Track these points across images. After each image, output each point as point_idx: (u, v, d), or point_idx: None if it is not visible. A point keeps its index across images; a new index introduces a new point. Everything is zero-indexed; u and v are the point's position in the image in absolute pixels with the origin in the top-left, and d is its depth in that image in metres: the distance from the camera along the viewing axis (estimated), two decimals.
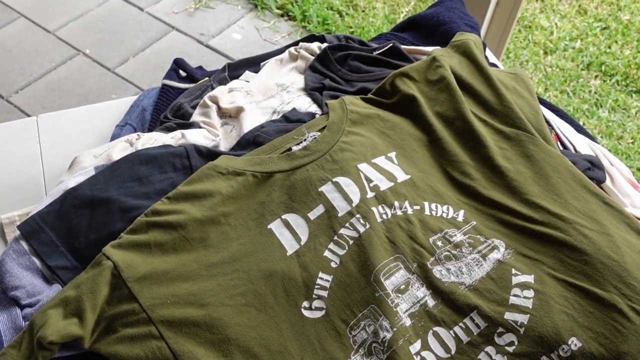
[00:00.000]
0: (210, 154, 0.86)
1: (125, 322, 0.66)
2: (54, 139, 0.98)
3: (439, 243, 0.74)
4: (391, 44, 1.04)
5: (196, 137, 0.89)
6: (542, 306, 0.68)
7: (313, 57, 1.04)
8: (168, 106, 0.99)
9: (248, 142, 0.89)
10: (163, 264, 0.71)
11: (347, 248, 0.73)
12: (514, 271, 0.71)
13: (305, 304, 0.70)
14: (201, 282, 0.70)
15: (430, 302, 0.70)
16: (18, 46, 2.30)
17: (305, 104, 0.96)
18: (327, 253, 0.73)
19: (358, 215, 0.75)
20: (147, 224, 0.73)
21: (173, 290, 0.69)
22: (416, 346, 0.68)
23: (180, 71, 1.12)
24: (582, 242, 0.72)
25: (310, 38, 1.10)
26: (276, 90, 0.99)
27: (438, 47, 1.05)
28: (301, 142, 0.83)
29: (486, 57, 1.13)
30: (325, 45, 1.05)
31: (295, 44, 1.09)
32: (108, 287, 0.67)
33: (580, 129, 0.99)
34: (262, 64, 1.07)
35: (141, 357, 0.64)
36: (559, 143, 0.92)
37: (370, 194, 0.77)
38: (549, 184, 0.78)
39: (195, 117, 0.94)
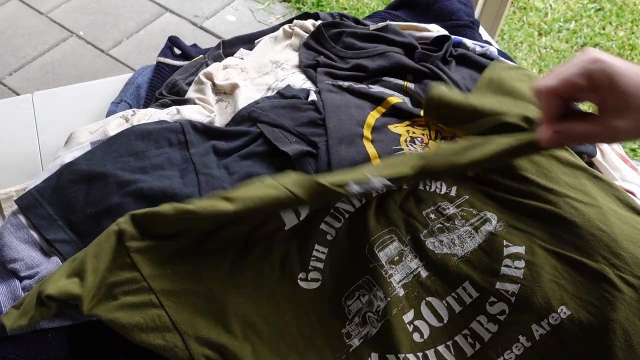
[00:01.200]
0: (206, 130, 0.86)
1: (126, 290, 0.67)
2: (49, 117, 0.98)
3: (432, 216, 0.75)
4: (386, 24, 1.04)
5: (191, 113, 0.89)
6: (533, 276, 0.69)
7: (307, 35, 1.04)
8: (163, 83, 0.99)
9: (243, 118, 0.89)
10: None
11: (342, 221, 0.74)
12: (505, 242, 0.72)
13: (302, 275, 0.72)
14: (199, 259, 0.71)
15: (424, 273, 0.72)
16: (11, 28, 2.29)
17: (300, 81, 0.96)
18: (323, 226, 0.74)
19: None
20: None
21: (173, 266, 0.69)
22: (409, 315, 0.69)
23: (175, 49, 1.12)
24: (572, 214, 0.73)
25: (304, 15, 1.10)
26: (270, 67, 1.00)
27: (434, 24, 1.05)
28: None
29: (480, 36, 1.13)
30: (319, 22, 1.05)
31: (290, 21, 1.09)
32: (111, 254, 0.68)
33: None
34: (256, 41, 1.07)
35: (141, 324, 0.65)
36: None
37: None
38: (539, 160, 0.79)
39: (190, 93, 0.95)
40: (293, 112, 0.88)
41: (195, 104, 0.92)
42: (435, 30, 1.04)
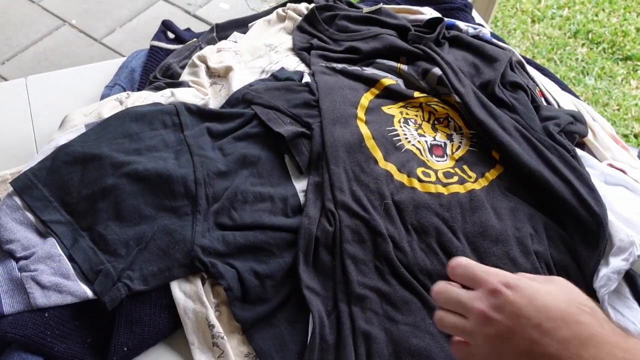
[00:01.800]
0: (200, 112, 0.87)
1: None
2: (43, 100, 0.98)
3: None
4: (379, 7, 1.04)
5: (186, 95, 0.89)
6: None
7: (301, 18, 1.04)
8: (157, 67, 0.99)
9: (237, 101, 0.90)
10: None
11: None
12: None
13: None
14: None
15: None
16: (3, 17, 2.27)
17: (294, 64, 0.96)
18: None
19: None
20: None
21: None
22: None
23: (169, 33, 1.12)
24: None
25: None
26: (264, 50, 1.00)
27: (427, 7, 1.06)
28: None
29: (472, 18, 1.14)
30: (312, 5, 1.05)
31: (283, 4, 1.09)
32: None
33: (564, 87, 1.01)
34: (250, 24, 1.07)
35: None
36: (543, 99, 0.93)
37: None
38: None
39: (184, 76, 0.95)
40: (287, 94, 0.88)
41: (189, 86, 0.92)
42: (428, 13, 1.04)
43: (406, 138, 0.85)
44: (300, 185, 0.81)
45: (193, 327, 0.70)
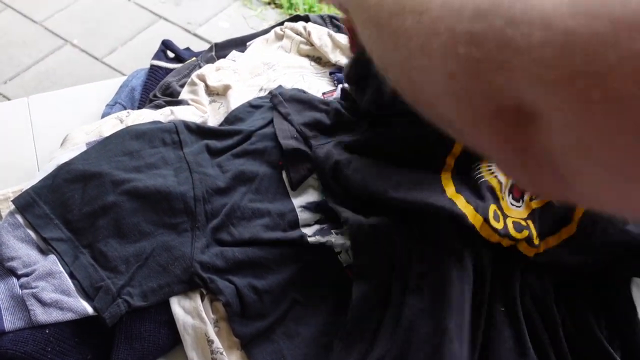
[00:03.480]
0: (199, 130, 0.88)
1: None
2: (45, 119, 0.99)
3: None
4: None
5: (185, 113, 0.91)
6: None
7: (298, 36, 1.06)
8: (157, 85, 1.01)
9: (236, 118, 0.91)
10: None
11: None
12: None
13: None
14: None
15: None
16: (5, 37, 2.30)
17: (291, 82, 0.98)
18: None
19: None
20: None
21: None
22: None
23: (168, 52, 1.14)
24: None
25: (295, 18, 1.12)
26: (262, 68, 1.01)
27: None
28: None
29: None
30: (310, 24, 1.07)
31: (281, 23, 1.11)
32: None
33: None
34: (248, 43, 1.09)
35: None
36: None
37: None
38: None
39: (184, 94, 0.96)
40: (305, 110, 0.88)
41: (188, 104, 0.94)
42: None
43: (489, 169, 0.73)
44: (297, 201, 0.82)
45: (192, 342, 0.70)
